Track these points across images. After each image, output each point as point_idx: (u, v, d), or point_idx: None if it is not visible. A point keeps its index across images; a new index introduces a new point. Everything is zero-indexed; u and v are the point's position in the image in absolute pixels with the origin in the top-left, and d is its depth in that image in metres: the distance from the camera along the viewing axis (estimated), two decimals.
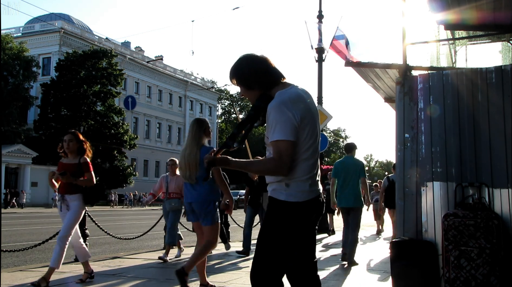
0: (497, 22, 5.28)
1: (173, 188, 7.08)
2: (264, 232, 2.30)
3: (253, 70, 2.29)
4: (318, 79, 12.85)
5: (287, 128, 2.13)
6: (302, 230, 2.26)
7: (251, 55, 2.34)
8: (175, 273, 4.07)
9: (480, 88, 4.34)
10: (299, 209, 2.21)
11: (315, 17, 13.23)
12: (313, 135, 2.25)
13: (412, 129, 4.56)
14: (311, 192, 2.24)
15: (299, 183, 2.21)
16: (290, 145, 2.14)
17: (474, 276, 3.89)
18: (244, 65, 2.31)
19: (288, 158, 2.14)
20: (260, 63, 2.30)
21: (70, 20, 48.06)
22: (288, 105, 2.15)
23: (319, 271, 2.42)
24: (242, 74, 2.31)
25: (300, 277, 2.32)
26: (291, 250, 2.25)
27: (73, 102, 36.17)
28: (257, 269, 2.25)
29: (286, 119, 2.13)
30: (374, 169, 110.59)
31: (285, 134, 2.13)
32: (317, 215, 2.32)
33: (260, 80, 2.28)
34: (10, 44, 34.99)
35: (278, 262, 2.23)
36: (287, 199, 2.21)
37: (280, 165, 2.15)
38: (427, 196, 4.42)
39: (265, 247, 2.26)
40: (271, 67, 2.31)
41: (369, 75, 6.00)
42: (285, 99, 2.18)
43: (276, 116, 2.14)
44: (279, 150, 2.14)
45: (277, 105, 2.16)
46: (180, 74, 59.42)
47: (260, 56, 2.34)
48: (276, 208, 2.25)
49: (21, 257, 7.44)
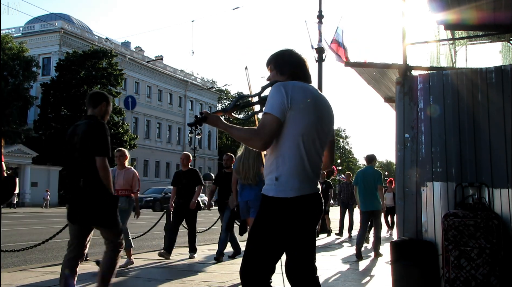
0: (497, 22, 5.28)
1: (121, 184, 6.15)
2: (253, 229, 2.30)
3: (293, 60, 2.47)
4: (318, 79, 12.85)
5: (276, 105, 2.21)
6: (293, 227, 2.24)
7: (295, 50, 2.53)
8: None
9: (480, 88, 4.34)
10: (287, 205, 2.20)
11: (315, 17, 13.24)
12: (306, 129, 2.24)
13: (412, 129, 4.56)
14: (302, 189, 2.22)
15: (288, 178, 2.21)
16: (275, 120, 2.19)
17: (474, 276, 3.89)
18: (287, 54, 2.49)
19: (268, 131, 2.19)
20: (300, 58, 2.49)
21: (70, 20, 48.03)
22: (288, 87, 2.25)
23: (319, 270, 2.41)
24: (282, 60, 2.48)
25: (299, 277, 2.31)
26: (282, 248, 2.26)
27: (73, 102, 36.13)
28: (246, 266, 2.26)
29: (278, 96, 2.22)
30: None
31: (273, 109, 2.21)
32: (313, 214, 2.30)
33: (292, 70, 2.43)
34: (10, 44, 34.95)
35: (267, 259, 2.23)
36: (275, 195, 2.22)
37: (258, 135, 2.20)
38: (427, 196, 4.42)
39: (254, 244, 2.27)
40: (306, 67, 2.48)
41: (369, 75, 6.00)
42: (289, 83, 2.30)
43: (272, 93, 2.26)
44: (263, 121, 2.22)
45: (277, 85, 2.28)
46: (180, 74, 59.39)
47: (302, 55, 2.51)
48: (266, 204, 2.27)
49: (21, 257, 7.44)
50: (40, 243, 6.36)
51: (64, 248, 5.40)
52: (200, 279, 5.22)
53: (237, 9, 39.51)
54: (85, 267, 5.87)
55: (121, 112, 38.69)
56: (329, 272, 5.91)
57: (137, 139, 42.42)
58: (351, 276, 5.75)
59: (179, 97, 58.67)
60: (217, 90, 63.75)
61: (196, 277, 5.37)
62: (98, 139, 3.62)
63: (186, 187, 7.24)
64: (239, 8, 37.61)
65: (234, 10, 60.10)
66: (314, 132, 2.27)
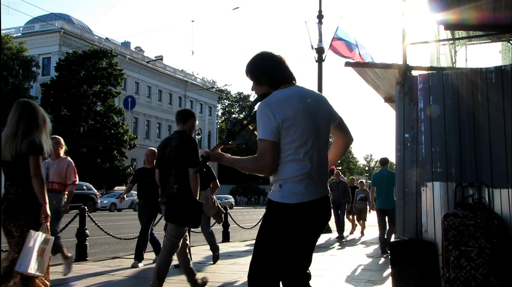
0: (497, 22, 5.28)
1: (53, 175, 5.35)
2: (260, 234, 2.29)
3: (266, 67, 2.39)
4: (318, 79, 12.86)
5: (266, 128, 2.19)
6: (296, 233, 2.22)
7: (266, 53, 2.44)
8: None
9: (480, 88, 4.34)
10: (291, 211, 2.18)
11: (315, 17, 13.25)
12: (303, 134, 2.21)
13: (412, 129, 4.56)
14: (307, 195, 2.19)
15: (292, 184, 2.19)
16: (270, 144, 2.18)
17: (474, 276, 3.89)
18: (258, 61, 2.42)
19: (269, 157, 2.18)
20: (273, 61, 2.39)
21: (70, 20, 48.04)
22: (272, 106, 2.21)
23: (319, 270, 2.41)
24: (255, 69, 2.42)
25: (293, 283, 2.31)
26: (287, 254, 2.23)
27: (73, 102, 36.15)
28: (252, 270, 2.25)
29: (266, 119, 2.19)
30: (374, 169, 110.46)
31: (265, 133, 2.19)
32: (319, 219, 2.27)
33: (269, 78, 2.38)
34: (9, 44, 34.95)
35: (273, 265, 2.21)
36: (279, 200, 2.20)
37: (261, 164, 2.20)
38: (427, 196, 4.42)
39: (260, 249, 2.26)
40: (283, 67, 2.39)
41: (369, 75, 6.00)
42: (271, 100, 2.24)
43: (260, 116, 2.23)
44: (261, 149, 2.20)
45: (261, 106, 2.24)
46: (180, 74, 59.40)
47: (277, 55, 2.42)
48: (271, 210, 2.25)
49: None
50: None
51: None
52: (200, 279, 5.21)
53: (237, 9, 39.61)
54: (85, 267, 5.88)
55: (121, 112, 38.69)
56: (329, 272, 5.91)
57: (137, 139, 42.41)
58: (351, 276, 5.74)
59: (179, 97, 58.67)
60: (217, 90, 63.75)
61: (196, 277, 5.36)
62: (190, 153, 4.22)
63: (150, 186, 6.21)
64: (239, 8, 37.68)
65: (234, 10, 60.17)
66: (312, 134, 2.24)
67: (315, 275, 5.61)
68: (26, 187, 3.39)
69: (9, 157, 3.33)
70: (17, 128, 3.38)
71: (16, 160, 3.35)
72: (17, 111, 3.44)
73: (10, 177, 3.43)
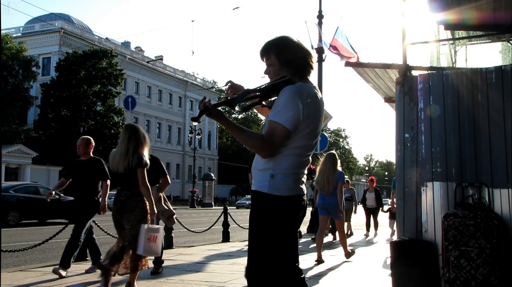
0: (497, 22, 5.28)
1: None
2: (252, 229, 2.26)
3: (303, 53, 2.32)
4: (318, 79, 12.85)
5: (290, 116, 2.13)
6: (287, 227, 2.23)
7: (303, 44, 2.37)
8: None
9: (480, 88, 4.33)
10: (282, 203, 2.18)
11: (315, 17, 13.25)
12: (312, 136, 2.26)
13: (412, 129, 4.56)
14: (294, 189, 2.22)
15: (284, 176, 2.19)
16: (286, 131, 2.14)
17: (474, 276, 3.89)
18: (296, 45, 2.32)
19: (277, 142, 2.15)
20: (309, 53, 2.35)
21: (70, 20, 48.05)
22: (303, 97, 2.17)
23: (319, 270, 2.41)
24: (289, 50, 2.30)
25: (286, 280, 2.28)
26: (283, 248, 2.22)
27: (73, 102, 36.15)
28: (251, 267, 2.23)
29: (294, 107, 2.14)
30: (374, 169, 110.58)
31: (286, 120, 2.13)
32: (301, 214, 2.29)
33: (299, 63, 2.31)
34: (9, 44, 34.94)
35: (271, 259, 2.19)
36: (270, 192, 2.18)
37: (266, 145, 2.14)
38: (427, 196, 4.42)
39: (255, 244, 2.24)
40: (311, 62, 2.36)
41: (369, 75, 6.00)
42: (303, 91, 2.20)
43: (287, 100, 2.15)
44: (273, 131, 2.14)
45: (293, 91, 2.17)
46: (180, 74, 59.41)
47: (305, 46, 2.37)
48: (260, 202, 2.22)
49: (21, 257, 7.44)
50: (40, 243, 6.36)
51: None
52: (200, 279, 5.22)
53: (237, 9, 39.54)
54: (85, 267, 5.87)
55: (121, 112, 38.69)
56: (329, 272, 5.92)
57: None
58: (352, 276, 5.75)
59: (179, 98, 58.69)
60: (217, 90, 63.75)
61: (196, 277, 5.37)
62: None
63: (87, 180, 5.64)
64: (239, 8, 37.64)
65: (234, 10, 60.13)
66: (314, 135, 2.28)
67: (315, 275, 5.61)
68: (133, 191, 4.31)
69: (123, 169, 4.28)
70: (127, 147, 4.30)
71: (127, 172, 4.28)
72: (127, 133, 4.38)
73: (121, 184, 4.37)
